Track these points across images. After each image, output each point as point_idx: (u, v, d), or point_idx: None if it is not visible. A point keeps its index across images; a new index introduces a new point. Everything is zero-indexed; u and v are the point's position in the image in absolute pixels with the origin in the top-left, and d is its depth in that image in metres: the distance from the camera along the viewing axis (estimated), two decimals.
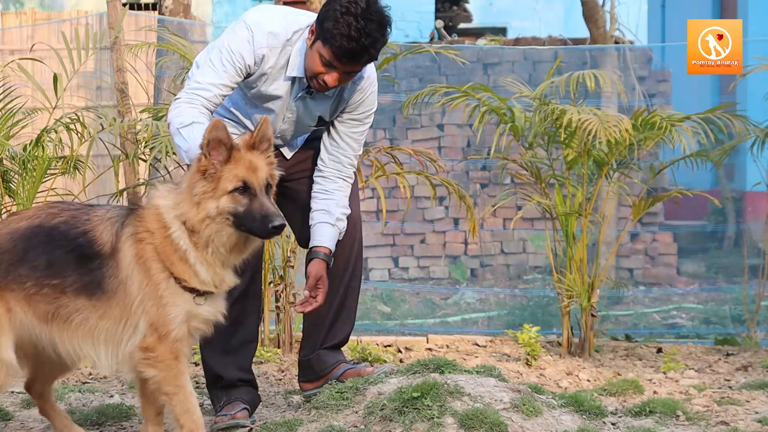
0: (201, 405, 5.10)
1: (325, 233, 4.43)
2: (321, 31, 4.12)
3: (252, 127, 4.40)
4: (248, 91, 4.37)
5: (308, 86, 4.31)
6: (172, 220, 3.88)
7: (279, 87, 4.34)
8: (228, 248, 3.89)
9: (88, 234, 3.89)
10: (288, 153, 4.61)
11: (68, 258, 3.87)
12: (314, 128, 4.57)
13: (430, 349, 6.46)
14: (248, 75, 4.28)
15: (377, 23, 4.08)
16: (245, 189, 3.85)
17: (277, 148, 4.47)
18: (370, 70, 4.40)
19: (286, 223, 3.97)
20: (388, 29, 4.15)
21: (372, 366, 4.60)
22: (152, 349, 3.87)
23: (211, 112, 4.23)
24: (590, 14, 10.82)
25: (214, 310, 3.97)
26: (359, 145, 4.53)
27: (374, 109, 4.51)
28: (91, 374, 5.86)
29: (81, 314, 3.88)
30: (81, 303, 3.88)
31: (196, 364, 6.05)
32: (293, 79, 4.32)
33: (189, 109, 4.15)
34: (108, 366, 3.95)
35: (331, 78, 4.17)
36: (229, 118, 4.48)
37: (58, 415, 4.33)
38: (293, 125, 4.48)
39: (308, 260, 4.41)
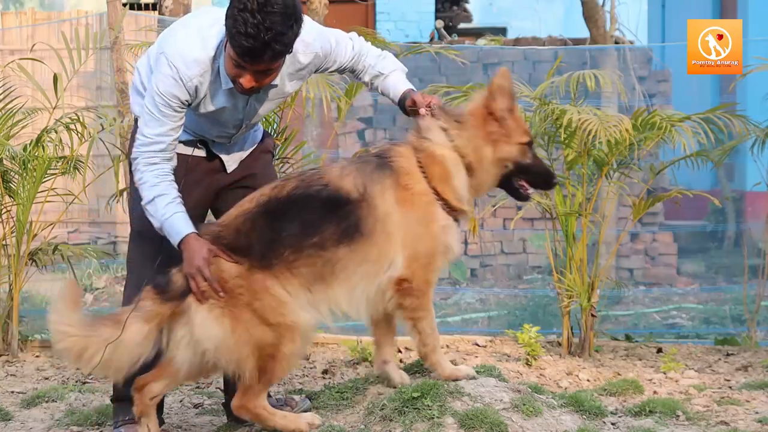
0: (201, 405, 5.11)
1: (401, 79, 4.36)
2: (227, 32, 3.92)
3: (213, 139, 4.34)
4: (195, 112, 4.22)
5: None
6: (454, 161, 4.04)
7: (221, 100, 4.17)
8: (487, 188, 4.19)
9: (329, 186, 3.97)
10: (232, 164, 4.44)
11: (319, 213, 3.94)
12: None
13: None
14: (189, 105, 4.14)
15: (281, 15, 3.81)
16: (530, 144, 4.12)
17: (217, 157, 4.40)
18: (305, 35, 4.07)
19: None
20: (297, 20, 3.88)
21: (289, 406, 4.41)
22: (410, 279, 3.97)
23: (170, 159, 4.12)
24: (590, 14, 10.82)
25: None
26: (350, 42, 4.33)
27: (333, 40, 4.26)
28: (91, 374, 5.86)
29: (341, 264, 3.95)
30: (341, 253, 3.94)
31: None
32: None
33: (149, 176, 4.06)
34: (360, 309, 4.04)
35: (245, 80, 3.97)
36: (190, 138, 4.34)
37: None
38: (257, 117, 4.37)
39: (404, 98, 4.30)
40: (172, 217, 4.05)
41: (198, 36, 4.09)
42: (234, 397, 4.05)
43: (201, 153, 4.35)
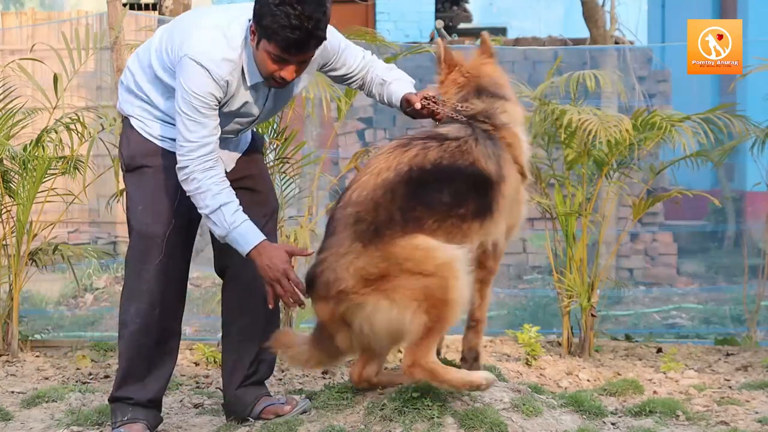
0: (201, 405, 5.11)
1: (405, 86, 4.36)
2: (262, 29, 3.96)
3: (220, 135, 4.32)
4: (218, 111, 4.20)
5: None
6: (523, 131, 4.31)
7: (243, 96, 4.20)
8: None
9: (474, 165, 4.04)
10: (230, 164, 4.44)
11: (466, 186, 4.01)
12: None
13: None
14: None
15: (314, 3, 3.91)
16: None
17: None
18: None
19: None
20: (328, 5, 3.97)
21: (290, 405, 4.45)
22: (496, 242, 4.17)
23: (218, 161, 4.13)
24: (590, 14, 10.82)
25: None
26: (362, 52, 4.43)
27: (343, 43, 4.35)
28: (91, 374, 5.87)
29: (471, 237, 4.03)
30: (475, 227, 4.03)
31: (196, 364, 6.06)
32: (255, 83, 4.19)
33: (210, 184, 4.06)
34: None
35: (287, 72, 4.02)
36: None
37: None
38: (267, 116, 4.42)
39: (405, 99, 4.29)
40: (241, 225, 4.06)
41: (221, 35, 4.10)
42: (404, 357, 3.97)
43: None
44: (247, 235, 4.07)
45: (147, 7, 14.78)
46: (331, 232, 3.99)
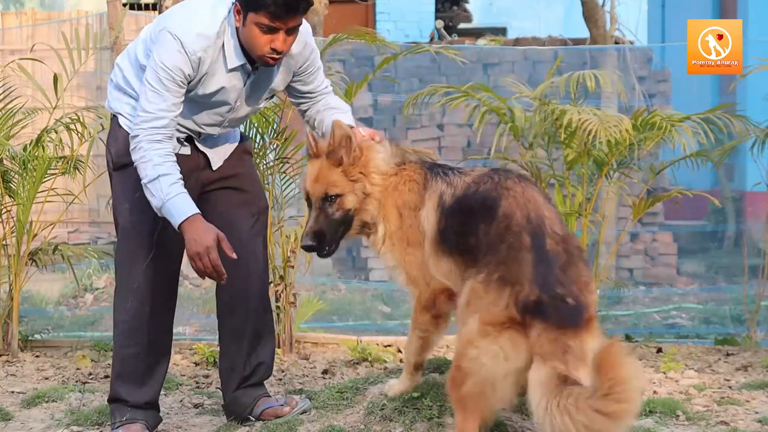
0: (201, 405, 5.11)
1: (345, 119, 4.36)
2: (247, 2, 3.99)
3: (200, 130, 4.32)
4: (192, 94, 4.19)
5: (253, 67, 4.20)
6: None
7: (220, 80, 4.18)
8: None
9: None
10: (217, 162, 4.45)
11: None
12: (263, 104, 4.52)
13: None
14: (190, 82, 4.13)
15: None
16: (308, 200, 4.09)
17: (201, 153, 4.38)
18: (303, 32, 4.23)
19: (311, 244, 4.05)
20: None
21: (290, 406, 4.46)
22: None
23: (171, 138, 4.10)
24: (590, 14, 10.83)
25: None
26: (326, 81, 4.49)
27: (320, 61, 4.43)
28: (91, 374, 5.87)
29: None
30: None
31: (196, 364, 6.06)
32: (234, 67, 4.18)
33: (153, 155, 4.01)
34: None
35: (279, 43, 4.02)
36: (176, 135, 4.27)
37: None
38: (245, 109, 4.38)
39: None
40: (176, 197, 4.01)
41: (203, 13, 4.12)
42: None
43: (186, 151, 4.33)
44: (181, 207, 4.01)
45: (147, 7, 14.79)
46: (569, 261, 3.73)
